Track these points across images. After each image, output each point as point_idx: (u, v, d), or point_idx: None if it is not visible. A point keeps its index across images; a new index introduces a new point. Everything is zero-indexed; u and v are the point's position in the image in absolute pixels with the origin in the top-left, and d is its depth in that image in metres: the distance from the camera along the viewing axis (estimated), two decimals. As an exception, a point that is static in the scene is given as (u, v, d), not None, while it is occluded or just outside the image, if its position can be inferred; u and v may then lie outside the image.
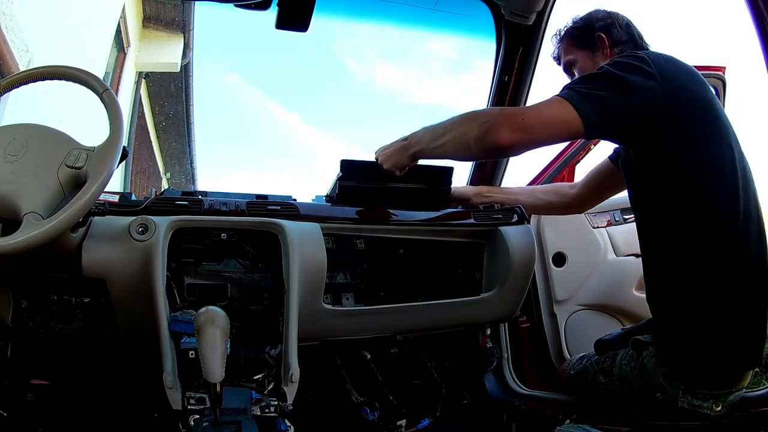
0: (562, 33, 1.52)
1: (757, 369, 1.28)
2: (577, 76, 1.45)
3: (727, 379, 1.22)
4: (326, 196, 1.57)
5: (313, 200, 1.58)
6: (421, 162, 1.39)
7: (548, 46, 1.66)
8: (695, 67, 1.28)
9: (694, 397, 1.23)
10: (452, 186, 1.62)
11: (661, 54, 1.24)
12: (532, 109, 1.17)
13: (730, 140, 1.22)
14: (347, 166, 1.50)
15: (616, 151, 1.53)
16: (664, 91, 1.15)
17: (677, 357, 1.23)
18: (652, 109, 1.14)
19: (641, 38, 1.44)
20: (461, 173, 1.92)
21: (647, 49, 1.41)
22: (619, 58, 1.23)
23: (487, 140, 1.14)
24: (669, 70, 1.19)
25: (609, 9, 1.48)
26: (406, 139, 1.36)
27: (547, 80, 1.65)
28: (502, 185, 1.86)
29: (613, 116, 1.14)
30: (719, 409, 1.23)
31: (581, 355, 1.54)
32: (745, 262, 1.18)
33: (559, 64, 1.55)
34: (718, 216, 1.18)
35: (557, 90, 1.18)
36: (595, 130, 1.15)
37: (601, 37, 1.41)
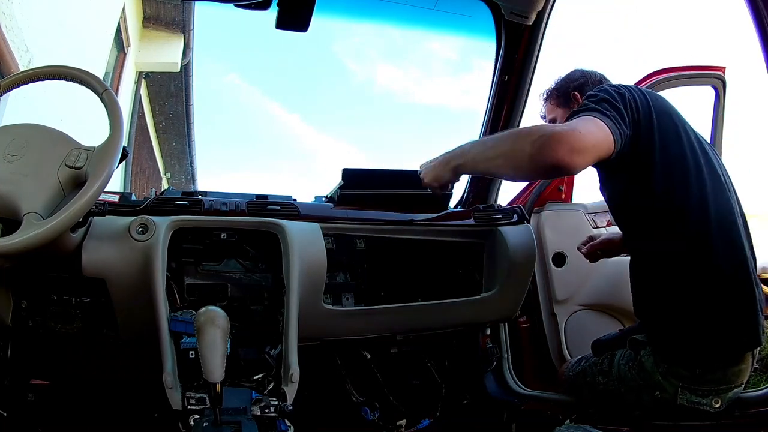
0: (546, 94, 1.66)
1: (756, 367, 1.28)
2: None
3: (724, 374, 1.23)
4: (326, 197, 1.58)
5: (313, 200, 1.58)
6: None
7: (548, 46, 1.67)
8: (695, 67, 1.29)
9: (693, 393, 1.24)
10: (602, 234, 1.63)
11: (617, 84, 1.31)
12: (585, 130, 1.09)
13: (691, 142, 1.27)
14: (349, 174, 1.51)
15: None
16: (639, 105, 1.22)
17: (672, 355, 1.24)
18: (636, 127, 1.20)
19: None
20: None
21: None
22: (594, 91, 1.26)
23: (540, 157, 1.06)
24: (631, 90, 1.25)
25: (585, 69, 1.62)
26: (450, 152, 1.32)
27: (548, 80, 1.66)
28: (500, 187, 1.86)
29: (626, 136, 1.16)
30: (718, 405, 1.24)
31: (579, 357, 1.54)
32: (724, 253, 1.20)
33: (544, 120, 1.67)
34: (688, 212, 1.20)
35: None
36: (620, 150, 1.14)
37: (575, 95, 1.56)
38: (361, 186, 1.53)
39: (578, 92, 1.55)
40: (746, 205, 1.33)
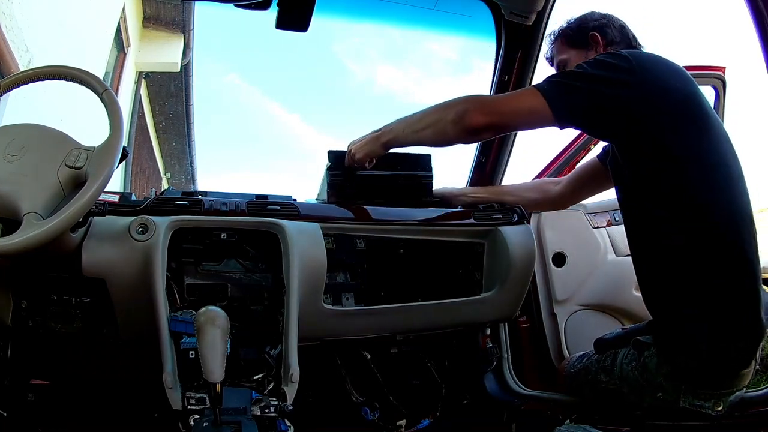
0: (557, 33, 1.53)
1: (757, 368, 1.28)
2: None
3: (727, 378, 1.22)
4: (318, 199, 1.59)
5: (313, 200, 1.58)
6: (399, 151, 1.51)
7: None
8: (695, 67, 1.29)
9: (696, 397, 1.23)
10: (442, 188, 1.68)
11: (646, 53, 1.26)
12: (506, 96, 1.29)
13: (717, 135, 1.22)
14: (336, 156, 1.55)
15: (604, 149, 1.54)
16: (641, 83, 1.17)
17: (678, 358, 1.22)
18: (626, 101, 1.17)
19: (635, 40, 1.44)
20: (462, 174, 1.92)
21: (640, 50, 1.41)
22: (599, 56, 1.25)
23: (462, 123, 1.23)
24: (649, 65, 1.21)
25: (605, 11, 1.48)
26: (378, 130, 1.44)
27: (547, 80, 1.65)
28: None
29: (583, 108, 1.19)
30: (720, 408, 1.24)
31: (581, 353, 1.54)
32: (735, 256, 1.18)
33: (551, 64, 1.56)
34: (704, 211, 1.18)
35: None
36: (565, 120, 1.22)
37: (594, 36, 1.43)
38: (349, 168, 1.56)
39: (599, 33, 1.42)
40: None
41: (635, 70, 1.17)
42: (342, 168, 1.56)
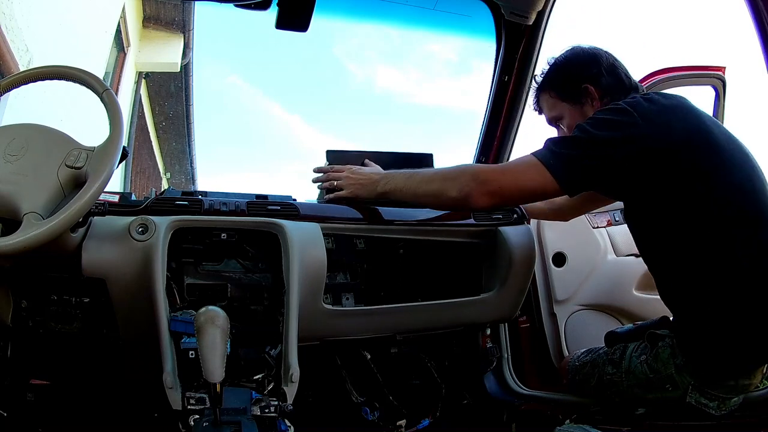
0: (541, 82, 1.42)
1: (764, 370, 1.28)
2: (565, 130, 1.41)
3: (741, 376, 1.22)
4: (318, 200, 1.59)
5: (313, 201, 1.58)
6: (402, 150, 1.52)
7: (548, 46, 1.66)
8: (695, 67, 1.28)
9: (702, 395, 1.23)
10: None
11: (644, 99, 1.21)
12: (508, 174, 1.20)
13: (731, 156, 1.20)
14: (333, 155, 1.55)
15: None
16: (646, 135, 1.15)
17: (696, 351, 1.22)
18: (637, 157, 1.15)
19: (629, 77, 1.37)
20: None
21: (636, 87, 1.37)
22: (599, 113, 1.22)
23: (466, 202, 1.22)
24: (650, 112, 1.17)
25: (590, 46, 1.38)
26: (379, 174, 1.39)
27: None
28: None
29: (594, 176, 1.18)
30: (724, 410, 1.24)
31: (587, 348, 1.54)
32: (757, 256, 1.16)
33: (540, 113, 1.47)
34: (727, 238, 1.16)
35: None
36: (576, 191, 1.21)
37: (588, 89, 1.33)
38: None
39: (592, 85, 1.32)
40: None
41: (638, 123, 1.15)
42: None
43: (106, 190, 1.05)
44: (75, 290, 1.24)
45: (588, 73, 1.33)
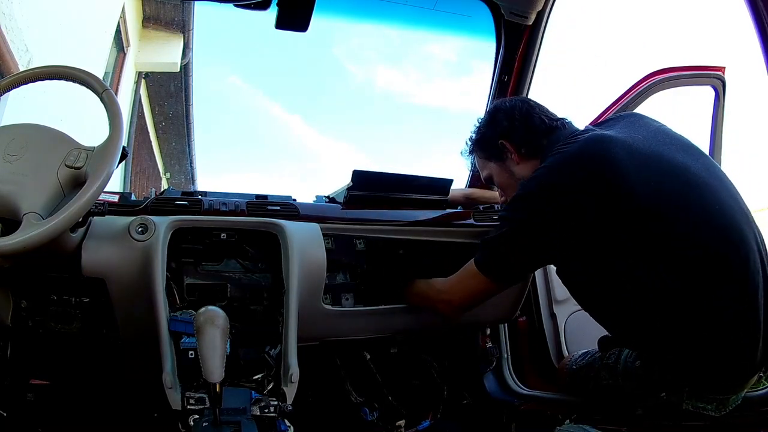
0: (471, 145, 1.46)
1: (760, 374, 1.27)
2: (497, 188, 1.47)
3: (731, 385, 1.21)
4: (327, 197, 1.58)
5: (313, 201, 1.58)
6: (423, 173, 1.56)
7: (548, 46, 1.66)
8: (695, 67, 1.27)
9: (699, 400, 1.23)
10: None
11: (555, 162, 1.18)
12: (456, 289, 1.32)
13: (669, 168, 1.15)
14: (359, 176, 1.53)
15: None
16: (560, 214, 1.14)
17: (680, 368, 1.20)
18: (563, 226, 1.15)
19: (549, 118, 1.34)
20: (462, 174, 1.93)
21: (557, 126, 1.33)
22: (517, 196, 1.21)
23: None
24: (563, 174, 1.15)
25: (511, 99, 1.42)
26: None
27: (547, 80, 1.65)
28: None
29: (528, 265, 1.30)
30: (723, 411, 1.24)
31: (584, 351, 1.54)
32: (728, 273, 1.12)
33: (480, 173, 1.50)
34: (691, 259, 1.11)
35: (558, 88, 1.16)
36: (517, 281, 1.35)
37: (504, 145, 1.36)
38: (369, 188, 1.55)
39: (506, 141, 1.35)
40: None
41: (545, 210, 1.15)
42: (363, 189, 1.54)
43: (105, 190, 1.05)
44: (75, 290, 1.24)
45: (501, 129, 1.37)
